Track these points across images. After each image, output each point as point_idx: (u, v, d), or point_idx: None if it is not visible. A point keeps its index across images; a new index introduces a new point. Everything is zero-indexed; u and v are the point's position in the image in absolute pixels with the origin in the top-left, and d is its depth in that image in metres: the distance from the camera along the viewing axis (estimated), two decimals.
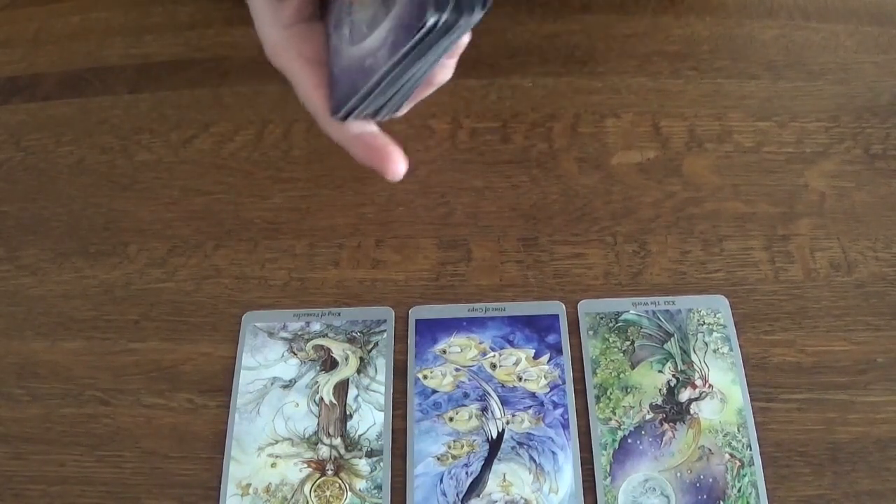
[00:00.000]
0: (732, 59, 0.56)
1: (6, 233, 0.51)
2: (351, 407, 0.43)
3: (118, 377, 0.45)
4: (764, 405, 0.42)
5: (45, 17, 0.63)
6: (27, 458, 0.42)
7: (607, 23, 0.59)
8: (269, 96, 0.56)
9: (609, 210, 0.49)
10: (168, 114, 0.56)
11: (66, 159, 0.54)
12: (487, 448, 0.42)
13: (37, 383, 0.45)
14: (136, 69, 0.58)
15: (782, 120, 0.53)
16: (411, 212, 0.50)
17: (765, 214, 0.49)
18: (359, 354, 0.45)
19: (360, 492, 0.41)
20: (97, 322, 0.47)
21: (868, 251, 0.47)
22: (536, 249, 0.48)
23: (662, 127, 0.53)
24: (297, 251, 0.49)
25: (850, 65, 0.55)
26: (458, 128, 0.53)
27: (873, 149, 0.51)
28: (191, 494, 0.41)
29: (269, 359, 0.45)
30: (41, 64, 0.60)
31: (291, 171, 0.52)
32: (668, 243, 0.48)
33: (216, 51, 0.59)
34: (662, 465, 0.40)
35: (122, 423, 0.43)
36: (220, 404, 0.43)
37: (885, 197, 0.49)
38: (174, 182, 0.52)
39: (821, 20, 0.58)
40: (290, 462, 0.42)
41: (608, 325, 0.45)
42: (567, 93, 0.55)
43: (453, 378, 0.44)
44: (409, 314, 0.46)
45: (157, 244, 0.50)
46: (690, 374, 0.43)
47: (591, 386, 0.43)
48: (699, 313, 0.45)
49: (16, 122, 0.56)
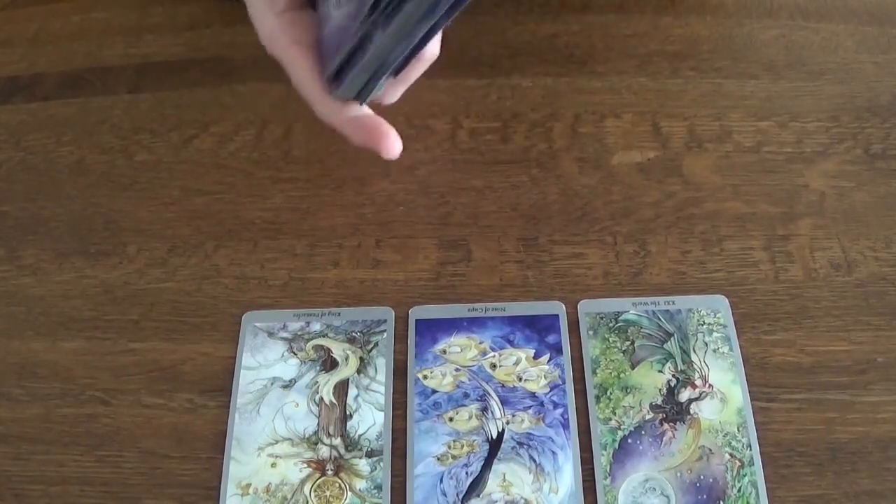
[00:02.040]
0: (732, 59, 0.56)
1: (6, 233, 0.51)
2: (351, 407, 0.43)
3: (118, 377, 0.45)
4: (764, 405, 0.42)
5: (45, 17, 0.63)
6: (27, 458, 0.42)
7: (607, 23, 0.59)
8: (269, 96, 0.56)
9: (609, 210, 0.49)
10: (168, 114, 0.56)
11: (66, 159, 0.54)
12: (487, 448, 0.42)
13: (37, 383, 0.45)
14: (136, 69, 0.59)
15: (782, 120, 0.53)
16: (411, 212, 0.50)
17: (765, 214, 0.49)
18: (359, 354, 0.45)
19: (360, 492, 0.41)
20: (97, 322, 0.47)
21: (868, 251, 0.47)
22: (536, 249, 0.48)
23: (662, 127, 0.53)
24: (297, 251, 0.49)
25: (850, 65, 0.55)
26: (458, 128, 0.53)
27: (873, 149, 0.51)
28: (191, 494, 0.41)
29: (269, 359, 0.45)
30: (41, 64, 0.60)
31: (291, 171, 0.52)
32: (668, 243, 0.48)
33: (216, 51, 0.59)
34: (662, 465, 0.40)
35: (122, 423, 0.43)
36: (220, 404, 0.43)
37: (885, 197, 0.49)
38: (174, 182, 0.52)
39: (821, 20, 0.58)
40: (290, 462, 0.42)
41: (608, 325, 0.45)
42: (567, 93, 0.55)
43: (453, 378, 0.44)
44: (409, 314, 0.46)
45: (157, 244, 0.50)
46: (690, 374, 0.43)
47: (591, 386, 0.43)
48: (699, 313, 0.45)
49: (16, 122, 0.56)
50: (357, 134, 0.42)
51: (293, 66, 0.42)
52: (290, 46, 0.42)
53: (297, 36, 0.42)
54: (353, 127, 0.42)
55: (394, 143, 0.41)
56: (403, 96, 0.48)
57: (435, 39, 0.41)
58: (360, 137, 0.42)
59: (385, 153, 0.42)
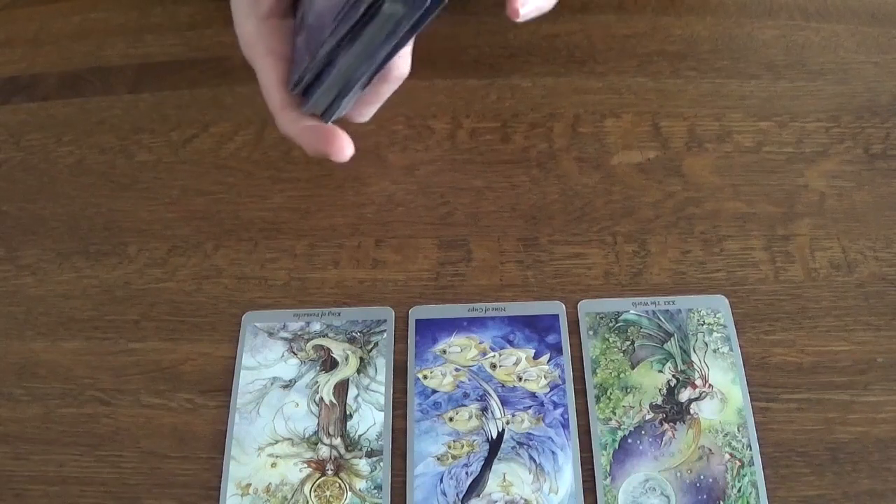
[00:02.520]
0: (732, 59, 0.56)
1: (6, 233, 0.51)
2: (351, 407, 0.43)
3: (118, 377, 0.45)
4: (764, 405, 0.42)
5: (45, 17, 0.63)
6: (27, 458, 0.42)
7: (607, 23, 0.59)
8: None
9: (609, 210, 0.49)
10: (168, 114, 0.56)
11: (66, 159, 0.54)
12: (487, 448, 0.42)
13: (37, 383, 0.45)
14: (136, 69, 0.59)
15: (782, 120, 0.53)
16: (411, 212, 0.50)
17: (765, 214, 0.49)
18: (359, 354, 0.45)
19: (360, 492, 0.41)
20: (97, 322, 0.47)
21: (868, 251, 0.47)
22: (536, 249, 0.48)
23: (662, 127, 0.53)
24: (297, 251, 0.49)
25: (850, 65, 0.55)
26: (458, 128, 0.53)
27: (873, 149, 0.51)
28: (191, 494, 0.41)
29: (269, 359, 0.45)
30: (41, 64, 0.60)
31: (291, 171, 0.52)
32: (668, 243, 0.48)
33: (216, 51, 0.59)
34: (662, 465, 0.40)
35: (122, 423, 0.43)
36: (220, 404, 0.43)
37: (885, 197, 0.49)
38: (174, 182, 0.52)
39: (821, 20, 0.58)
40: (290, 462, 0.42)
41: (608, 325, 0.45)
42: (567, 93, 0.55)
43: (453, 378, 0.44)
44: (409, 314, 0.46)
45: (157, 244, 0.50)
46: (690, 374, 0.43)
47: (591, 386, 0.43)
48: (699, 313, 0.45)
49: (16, 122, 0.56)
50: (310, 140, 0.43)
51: (262, 74, 0.43)
52: (264, 56, 0.43)
53: (273, 46, 0.43)
54: (306, 135, 0.43)
55: (344, 144, 0.42)
56: (403, 96, 0.48)
57: (405, 59, 0.41)
58: (313, 143, 0.43)
59: (335, 155, 0.42)
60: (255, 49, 0.43)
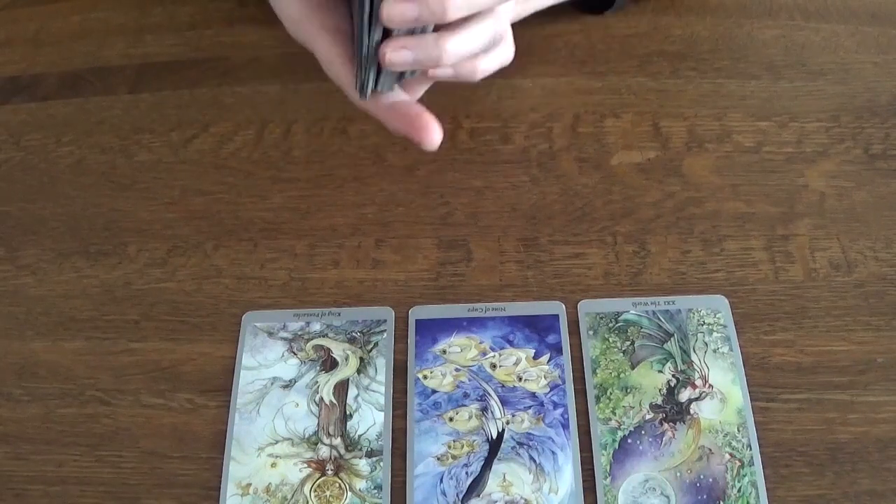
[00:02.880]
0: (732, 59, 0.56)
1: (6, 233, 0.51)
2: (351, 407, 0.43)
3: (118, 377, 0.45)
4: (764, 405, 0.42)
5: (45, 17, 0.63)
6: (27, 458, 0.42)
7: (607, 23, 0.59)
8: (269, 96, 0.56)
9: (609, 210, 0.49)
10: (168, 114, 0.56)
11: (66, 159, 0.54)
12: (487, 448, 0.42)
13: (37, 383, 0.45)
14: (136, 69, 0.59)
15: (782, 120, 0.53)
16: (411, 212, 0.50)
17: (765, 214, 0.49)
18: (359, 354, 0.45)
19: (360, 492, 0.41)
20: (97, 322, 0.47)
21: (868, 251, 0.47)
22: (536, 249, 0.48)
23: (662, 127, 0.53)
24: (297, 251, 0.49)
25: (850, 65, 0.55)
26: (458, 128, 0.53)
27: (873, 149, 0.51)
28: (191, 494, 0.41)
29: (269, 359, 0.45)
30: (41, 64, 0.60)
31: (291, 171, 0.52)
32: (668, 243, 0.48)
33: (216, 51, 0.59)
34: (662, 465, 0.40)
35: (122, 423, 0.43)
36: (220, 404, 0.43)
37: (885, 197, 0.49)
38: (174, 182, 0.52)
39: (821, 20, 0.58)
40: (290, 462, 0.42)
41: (608, 325, 0.45)
42: (567, 93, 0.55)
43: (453, 378, 0.44)
44: (409, 314, 0.46)
45: (157, 244, 0.50)
46: (690, 374, 0.43)
47: (591, 386, 0.43)
48: (699, 313, 0.45)
49: (16, 122, 0.56)
50: (394, 121, 0.40)
51: (322, 52, 0.41)
52: (318, 33, 0.41)
53: (323, 21, 0.41)
54: (390, 114, 0.40)
55: (434, 133, 0.40)
56: None
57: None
58: (399, 126, 0.40)
59: (425, 145, 0.40)
60: (307, 29, 0.41)
